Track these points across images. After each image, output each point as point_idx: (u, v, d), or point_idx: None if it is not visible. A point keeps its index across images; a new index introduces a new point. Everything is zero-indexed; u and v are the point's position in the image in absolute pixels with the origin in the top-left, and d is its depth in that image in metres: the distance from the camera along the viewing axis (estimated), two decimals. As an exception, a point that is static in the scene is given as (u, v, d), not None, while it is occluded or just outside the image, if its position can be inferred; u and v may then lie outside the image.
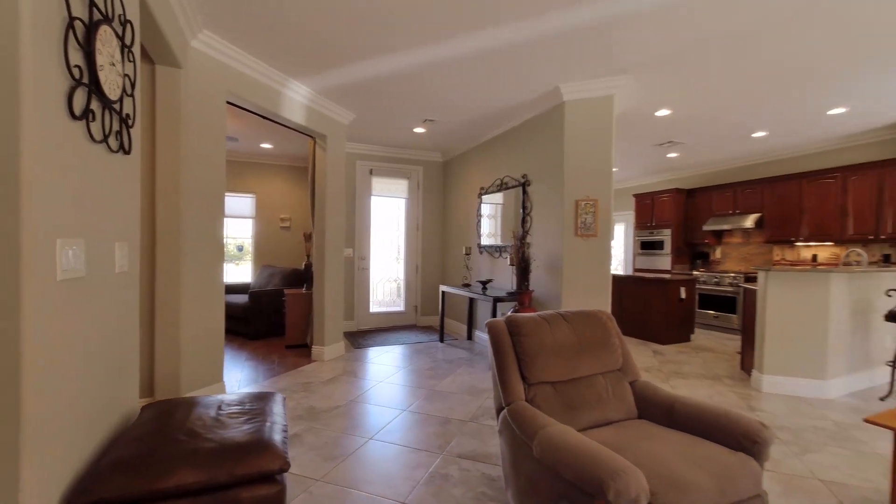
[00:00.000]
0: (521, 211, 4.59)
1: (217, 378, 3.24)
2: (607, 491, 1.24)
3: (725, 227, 6.62)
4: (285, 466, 1.39)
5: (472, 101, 4.25)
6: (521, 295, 3.97)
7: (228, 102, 3.41)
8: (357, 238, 6.28)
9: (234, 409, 1.70)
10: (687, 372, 4.32)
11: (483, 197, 5.50)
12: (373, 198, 6.44)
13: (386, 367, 4.42)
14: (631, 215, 8.58)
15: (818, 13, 2.65)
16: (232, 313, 5.59)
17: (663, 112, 4.47)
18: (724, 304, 6.43)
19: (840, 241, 5.56)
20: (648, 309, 5.74)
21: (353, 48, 3.20)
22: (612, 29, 2.87)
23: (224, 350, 3.39)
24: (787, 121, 4.79)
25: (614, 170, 7.59)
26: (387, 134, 5.61)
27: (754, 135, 5.35)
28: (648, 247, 7.75)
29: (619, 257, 9.28)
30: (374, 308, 6.52)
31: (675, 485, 1.40)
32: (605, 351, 2.09)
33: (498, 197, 5.15)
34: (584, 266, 3.89)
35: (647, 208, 7.77)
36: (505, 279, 4.96)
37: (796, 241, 5.98)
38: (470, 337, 5.70)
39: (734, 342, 5.72)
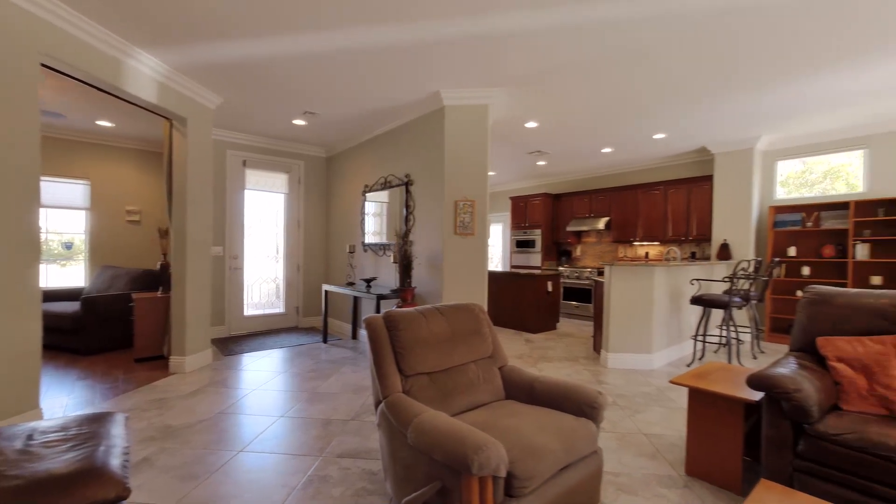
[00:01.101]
0: (405, 210, 4.68)
1: (31, 405, 2.64)
2: (471, 465, 1.35)
3: (584, 228, 7.64)
4: (124, 493, 1.21)
5: (357, 97, 4.19)
6: (404, 292, 4.05)
7: (45, 66, 2.80)
8: (228, 235, 5.69)
9: (54, 436, 1.42)
10: (552, 356, 4.88)
11: (367, 195, 5.45)
12: (247, 192, 5.90)
13: (262, 372, 4.10)
14: (507, 216, 9.35)
15: (633, 58, 3.23)
16: (57, 325, 4.60)
17: (532, 124, 4.98)
18: (583, 295, 7.41)
19: (663, 241, 6.85)
20: (521, 302, 6.32)
21: (222, 23, 2.89)
22: (486, 45, 3.10)
23: (41, 370, 2.77)
24: (626, 141, 5.73)
25: (491, 173, 8.21)
26: (263, 123, 5.20)
27: (603, 150, 6.28)
28: (523, 245, 8.53)
29: (498, 255, 10.03)
30: (249, 311, 5.98)
31: (530, 451, 1.59)
32: (478, 340, 2.26)
33: (383, 195, 5.15)
34: (463, 263, 4.13)
35: (522, 210, 8.56)
36: (389, 277, 5.00)
37: (634, 241, 7.18)
38: (354, 336, 5.60)
39: (590, 328, 6.63)
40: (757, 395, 2.05)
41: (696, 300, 4.49)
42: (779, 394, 1.78)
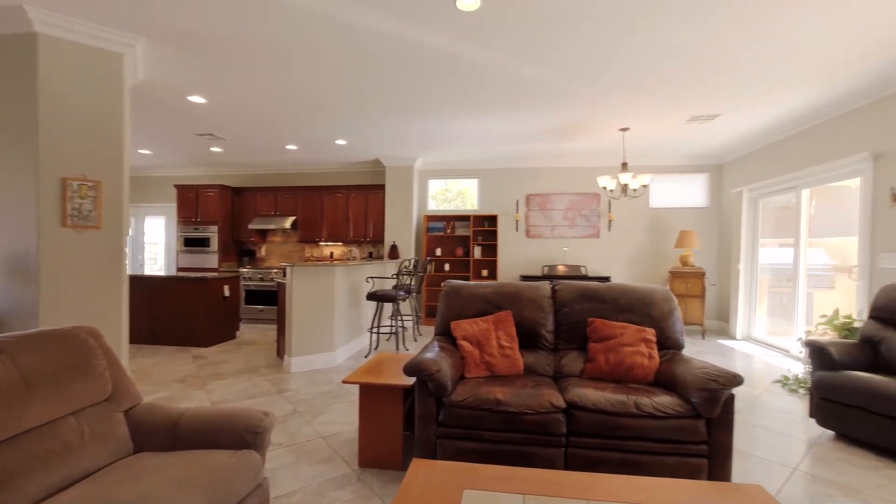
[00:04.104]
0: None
1: None
2: None
3: (269, 226, 7.15)
4: None
5: None
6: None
7: None
8: None
9: None
10: (227, 371, 4.22)
11: None
12: None
13: None
14: (173, 208, 7.64)
15: (306, 53, 3.20)
16: None
17: (198, 99, 4.15)
18: (268, 297, 6.91)
19: (346, 242, 7.30)
20: (190, 311, 5.23)
21: None
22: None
23: None
24: (310, 141, 5.72)
25: (145, 151, 6.46)
26: None
27: (288, 146, 6.05)
28: (194, 244, 7.16)
29: (161, 255, 8.06)
30: None
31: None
32: (81, 381, 1.53)
33: None
34: (81, 268, 2.92)
35: (192, 202, 7.17)
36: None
37: (321, 241, 7.32)
38: None
39: (275, 333, 6.24)
40: (412, 380, 2.33)
41: (371, 296, 4.94)
42: (425, 376, 2.05)
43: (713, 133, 5.24)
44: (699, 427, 1.94)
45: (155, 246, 8.09)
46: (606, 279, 6.26)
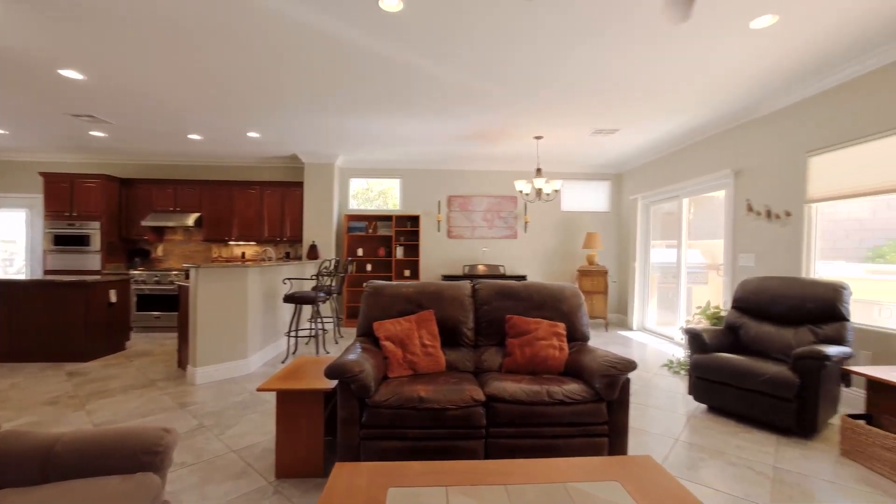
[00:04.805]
0: None
1: None
2: None
3: (168, 223, 6.43)
4: None
5: None
6: None
7: None
8: None
9: None
10: (114, 388, 3.71)
11: None
12: None
13: None
14: (38, 200, 6.51)
15: (211, 33, 2.97)
16: None
17: (72, 73, 3.58)
18: (167, 303, 6.20)
19: (260, 241, 6.83)
20: (64, 321, 4.50)
21: None
22: None
23: None
24: (217, 131, 5.25)
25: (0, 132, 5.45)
26: None
27: (191, 136, 5.49)
28: (68, 242, 6.18)
29: (21, 256, 6.82)
30: None
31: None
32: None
33: None
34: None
35: (65, 193, 6.17)
36: None
37: (230, 241, 6.75)
38: None
39: (175, 341, 5.62)
40: (333, 383, 2.26)
41: (288, 298, 4.69)
42: (348, 378, 2.01)
43: (614, 145, 5.82)
44: (602, 409, 2.15)
45: (12, 244, 6.81)
46: (523, 278, 6.64)
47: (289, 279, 4.99)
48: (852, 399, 3.29)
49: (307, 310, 6.10)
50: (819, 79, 3.56)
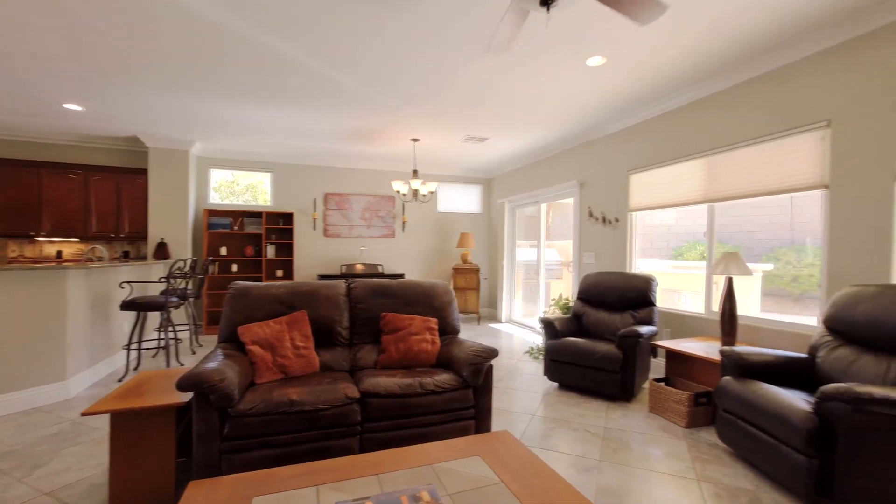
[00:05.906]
0: None
1: None
2: None
3: (-62, 214, 4.87)
4: None
5: None
6: None
7: None
8: None
9: None
10: None
11: None
12: None
13: None
14: None
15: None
16: None
17: None
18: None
19: (85, 238, 5.64)
20: None
21: None
22: None
23: None
24: (19, 97, 4.18)
25: None
26: None
27: (-21, 100, 4.27)
28: None
29: None
30: None
31: None
32: None
33: None
34: None
35: None
36: None
37: (37, 237, 5.43)
38: None
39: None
40: (188, 396, 2.02)
41: (128, 305, 3.98)
42: (207, 388, 1.82)
43: (485, 152, 6.31)
44: (469, 395, 2.34)
45: None
46: (400, 276, 6.75)
47: (129, 282, 4.23)
48: (658, 367, 4.16)
49: (154, 317, 5.25)
50: (635, 113, 4.42)
